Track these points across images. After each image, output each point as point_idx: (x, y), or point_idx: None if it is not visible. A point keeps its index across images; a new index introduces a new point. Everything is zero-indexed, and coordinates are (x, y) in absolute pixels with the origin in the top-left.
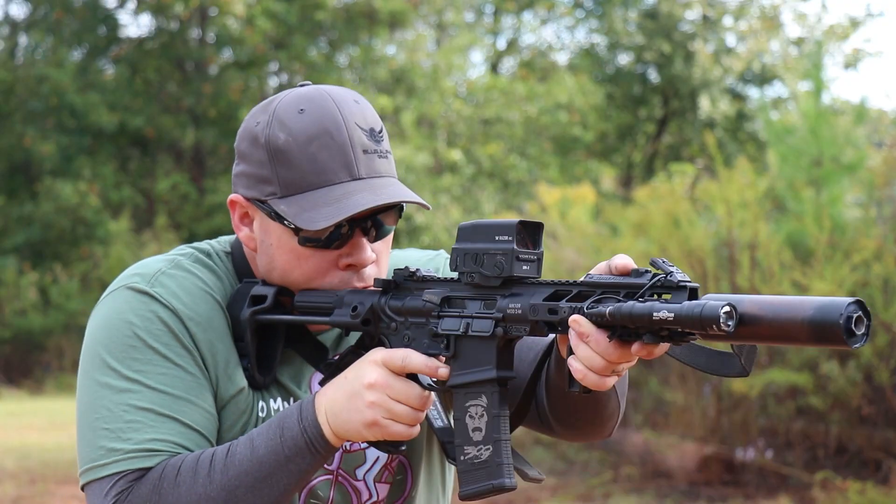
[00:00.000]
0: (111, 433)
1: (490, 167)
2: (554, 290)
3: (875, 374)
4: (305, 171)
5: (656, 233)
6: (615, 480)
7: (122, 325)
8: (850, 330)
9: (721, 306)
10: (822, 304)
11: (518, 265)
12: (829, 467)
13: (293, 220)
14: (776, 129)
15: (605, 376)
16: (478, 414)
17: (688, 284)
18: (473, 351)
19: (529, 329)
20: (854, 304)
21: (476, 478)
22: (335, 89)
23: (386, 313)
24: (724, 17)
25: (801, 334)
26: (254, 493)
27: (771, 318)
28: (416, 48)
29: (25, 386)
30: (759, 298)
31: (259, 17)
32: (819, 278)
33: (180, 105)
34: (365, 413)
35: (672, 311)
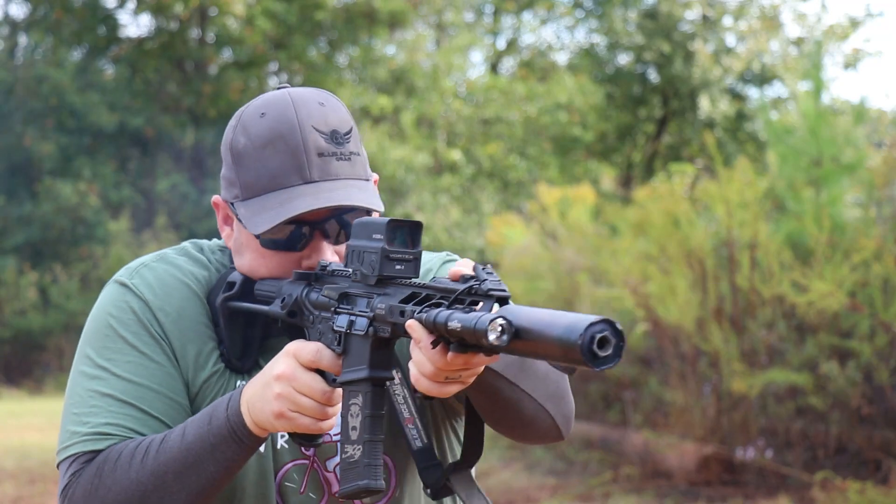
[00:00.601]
0: (77, 417)
1: (490, 167)
2: (411, 292)
3: (875, 374)
4: (260, 174)
5: (656, 233)
6: (615, 480)
7: (102, 316)
8: (592, 351)
9: (492, 318)
10: (569, 323)
11: (390, 264)
12: (828, 467)
13: (246, 222)
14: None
15: (439, 382)
16: (355, 413)
17: (496, 293)
18: (356, 349)
19: (390, 330)
20: (600, 324)
21: (349, 477)
22: (303, 91)
23: (306, 306)
24: (723, 17)
25: (556, 353)
26: (181, 479)
27: (536, 333)
28: (415, 48)
29: (25, 386)
30: (532, 312)
31: (259, 17)
32: (819, 278)
33: (180, 105)
34: (272, 404)
35: (461, 321)
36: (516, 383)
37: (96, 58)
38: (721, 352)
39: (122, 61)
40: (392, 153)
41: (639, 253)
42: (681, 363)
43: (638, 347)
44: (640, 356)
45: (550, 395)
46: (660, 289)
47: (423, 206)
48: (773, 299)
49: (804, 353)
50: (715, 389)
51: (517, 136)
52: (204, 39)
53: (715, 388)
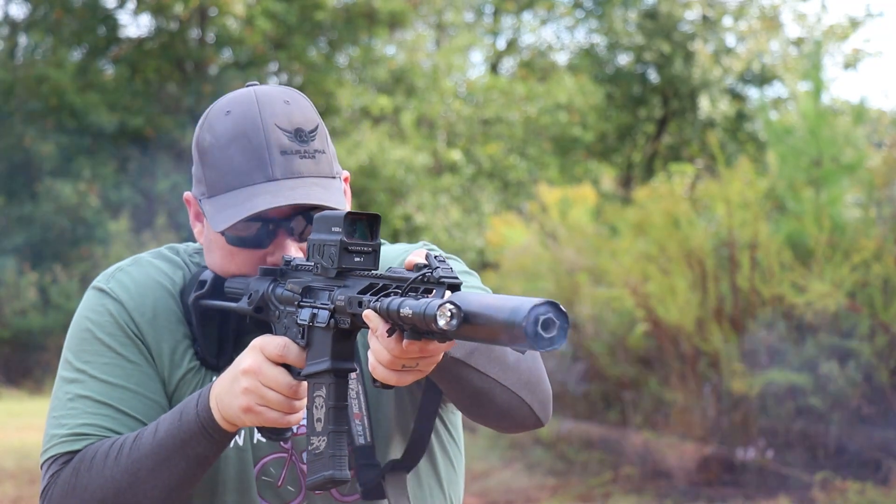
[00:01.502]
0: (56, 420)
1: (490, 167)
2: (369, 283)
3: (875, 374)
4: (224, 172)
5: (656, 233)
6: (615, 480)
7: (80, 321)
8: (537, 333)
9: (440, 303)
10: (514, 306)
11: (349, 257)
12: (828, 467)
13: (210, 219)
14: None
15: (396, 370)
16: (319, 405)
17: (447, 280)
18: (318, 341)
19: (350, 321)
20: (543, 306)
21: (316, 468)
22: (268, 90)
23: (272, 301)
24: (723, 17)
25: (503, 336)
26: (154, 475)
27: (485, 318)
28: (415, 48)
29: (25, 386)
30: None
31: (259, 17)
32: (819, 279)
33: (180, 105)
34: (240, 398)
35: (412, 308)
36: (485, 372)
37: (96, 58)
38: (721, 352)
39: (122, 61)
40: (392, 153)
41: (639, 253)
42: (681, 363)
43: (638, 347)
44: (640, 356)
45: (524, 383)
46: (660, 289)
47: (423, 206)
48: (773, 299)
49: (804, 354)
50: (715, 389)
51: (517, 137)
52: (204, 39)
53: (715, 388)
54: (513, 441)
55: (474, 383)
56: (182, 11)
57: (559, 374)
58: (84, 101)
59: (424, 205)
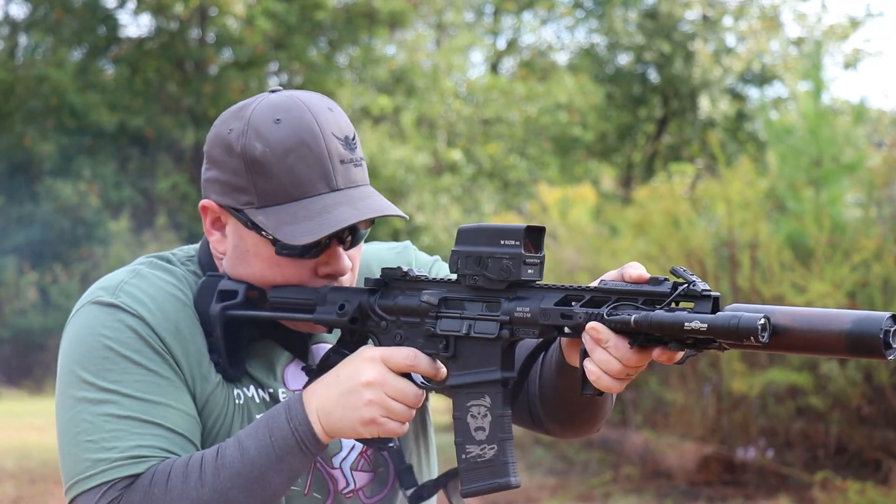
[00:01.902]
0: (95, 444)
1: (490, 167)
2: (564, 295)
3: (875, 374)
4: (284, 182)
5: (656, 233)
6: (615, 480)
7: (93, 338)
8: (889, 343)
9: (758, 319)
10: (860, 318)
11: (524, 269)
12: (829, 467)
13: (273, 231)
14: (776, 129)
15: (620, 380)
16: (480, 414)
17: (711, 294)
18: (475, 352)
19: (539, 332)
20: (891, 318)
21: (480, 476)
22: (310, 97)
23: (376, 312)
24: (724, 17)
25: (838, 346)
26: (246, 494)
27: (806, 329)
28: (415, 48)
29: (25, 386)
30: (791, 310)
31: (259, 17)
32: (819, 278)
33: (180, 105)
34: (363, 411)
35: (705, 321)
36: None
37: (96, 58)
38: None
39: (122, 61)
40: (392, 153)
41: (639, 253)
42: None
43: None
44: None
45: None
46: None
47: (424, 206)
48: (774, 299)
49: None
50: (715, 389)
51: (517, 136)
52: (204, 39)
53: (715, 388)
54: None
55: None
56: (182, 11)
57: None
58: (84, 101)
59: (424, 205)
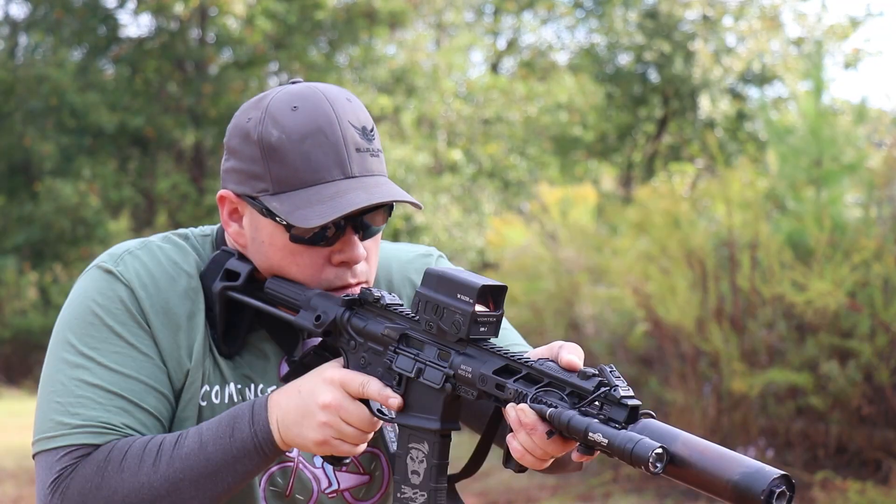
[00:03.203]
0: (61, 406)
1: (490, 167)
2: (505, 364)
3: (875, 374)
4: (299, 168)
5: (656, 233)
6: (615, 480)
7: (85, 303)
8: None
9: (653, 449)
10: (748, 472)
11: (476, 327)
12: (829, 467)
13: (286, 216)
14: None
15: (544, 460)
16: (418, 458)
17: (629, 403)
18: (422, 396)
19: (476, 395)
20: (779, 479)
21: None
22: (328, 87)
23: (347, 330)
24: (724, 17)
25: (724, 493)
26: (196, 487)
27: (699, 468)
28: (416, 48)
29: (25, 386)
30: (695, 442)
31: (259, 17)
32: (819, 278)
33: (180, 105)
34: (316, 432)
35: (607, 436)
36: None
37: (96, 58)
38: (721, 352)
39: (122, 61)
40: (392, 153)
41: (639, 253)
42: (681, 363)
43: (638, 347)
44: (640, 356)
45: None
46: (660, 289)
47: (424, 206)
48: (774, 299)
49: (804, 353)
50: (715, 389)
51: (517, 136)
52: (204, 39)
53: (715, 388)
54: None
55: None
56: (182, 11)
57: None
58: (84, 101)
59: (424, 205)
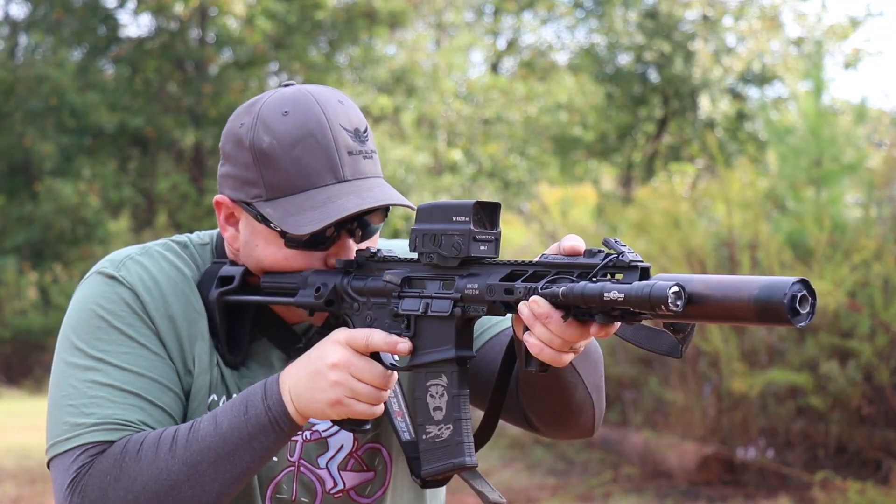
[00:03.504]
0: (75, 409)
1: (490, 167)
2: (510, 271)
3: (875, 374)
4: (290, 174)
5: (656, 233)
6: (615, 480)
7: (89, 308)
8: (795, 308)
9: (669, 286)
10: (766, 283)
11: (475, 245)
12: (829, 467)
13: (279, 223)
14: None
15: (563, 352)
16: (438, 393)
17: (639, 264)
18: (433, 331)
19: (486, 309)
20: (798, 283)
21: (437, 457)
22: (319, 90)
23: (349, 294)
24: (724, 17)
25: (748, 313)
26: (216, 468)
27: (719, 297)
28: (416, 48)
29: (25, 386)
30: (708, 278)
31: (259, 17)
32: (819, 278)
33: (180, 105)
34: (328, 392)
35: (622, 291)
36: (576, 367)
37: (96, 58)
38: (721, 352)
39: (122, 61)
40: (392, 153)
41: (639, 252)
42: (681, 363)
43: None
44: (641, 356)
45: (596, 386)
46: None
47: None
48: None
49: (804, 353)
50: (715, 389)
51: (517, 136)
52: (204, 39)
53: (715, 388)
54: (513, 441)
55: (566, 376)
56: (182, 11)
57: None
58: (84, 101)
59: None
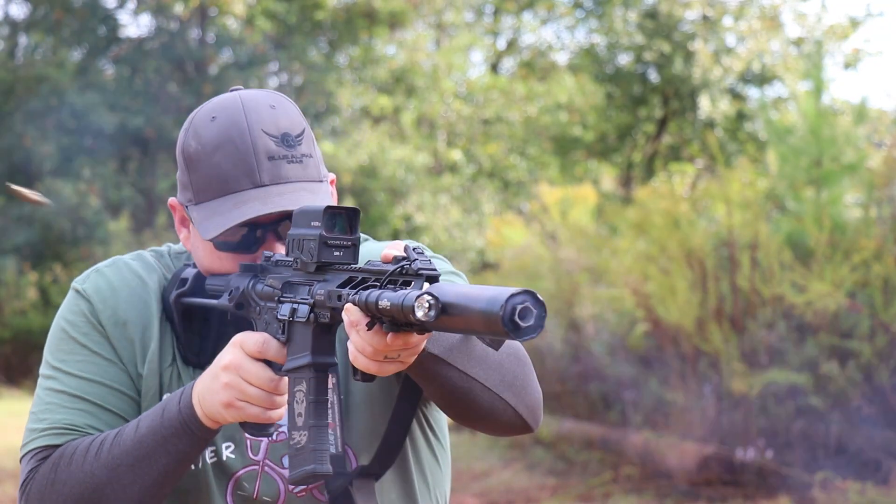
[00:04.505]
0: (34, 416)
1: (490, 167)
2: (348, 277)
3: (875, 374)
4: (211, 179)
5: (656, 233)
6: (615, 480)
7: (58, 322)
8: (514, 322)
9: (418, 295)
10: (491, 296)
11: (328, 251)
12: (828, 467)
13: (197, 226)
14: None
15: (378, 361)
16: (299, 400)
17: (426, 272)
18: (299, 336)
19: (330, 315)
20: (521, 295)
21: (297, 462)
22: (254, 94)
23: (253, 298)
24: (724, 17)
25: (480, 326)
26: (133, 471)
27: (462, 308)
28: (416, 48)
29: (25, 386)
30: (464, 288)
31: (259, 17)
32: (819, 278)
33: (180, 105)
34: (221, 394)
35: (390, 300)
36: (465, 371)
37: (96, 58)
38: (721, 352)
39: (122, 61)
40: (392, 153)
41: (639, 253)
42: (681, 363)
43: (638, 347)
44: (640, 356)
45: (508, 385)
46: (660, 289)
47: (423, 206)
48: (774, 299)
49: (804, 353)
50: (715, 389)
51: (517, 136)
52: (204, 39)
53: (715, 388)
54: (513, 441)
55: (454, 381)
56: (182, 11)
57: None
58: (84, 101)
59: (424, 205)
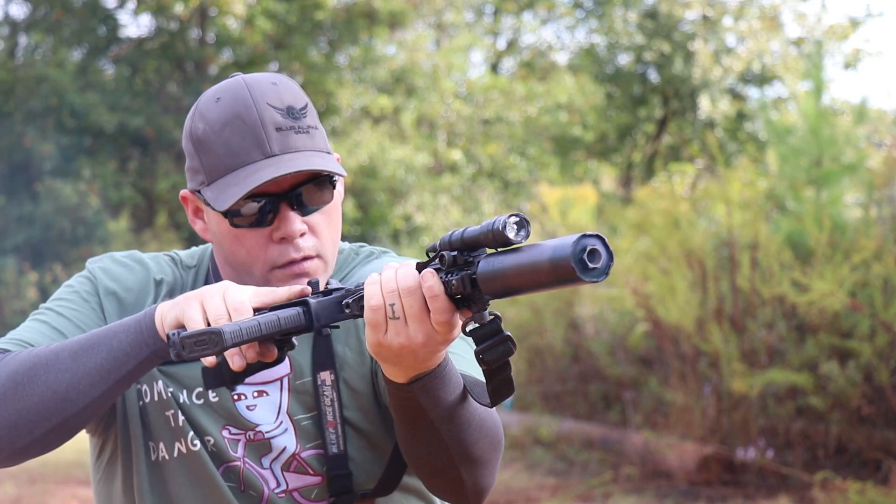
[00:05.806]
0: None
1: (490, 167)
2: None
3: (875, 374)
4: (222, 156)
5: (656, 233)
6: (615, 480)
7: (65, 283)
8: (583, 261)
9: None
10: (562, 239)
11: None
12: (829, 467)
13: (212, 203)
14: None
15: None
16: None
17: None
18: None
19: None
20: (593, 238)
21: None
22: (255, 76)
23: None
24: (724, 17)
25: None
26: (73, 358)
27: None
28: (416, 48)
29: None
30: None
31: (259, 17)
32: (819, 278)
33: (180, 105)
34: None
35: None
36: (439, 427)
37: (96, 58)
38: (721, 352)
39: (122, 61)
40: (392, 153)
41: (639, 253)
42: (681, 363)
43: (638, 347)
44: (640, 356)
45: (472, 460)
46: (660, 289)
47: (423, 206)
48: (773, 299)
49: (804, 353)
50: (715, 389)
51: (517, 136)
52: (204, 39)
53: (715, 388)
54: (513, 441)
55: (422, 429)
56: (182, 11)
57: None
58: (84, 101)
59: (424, 205)
